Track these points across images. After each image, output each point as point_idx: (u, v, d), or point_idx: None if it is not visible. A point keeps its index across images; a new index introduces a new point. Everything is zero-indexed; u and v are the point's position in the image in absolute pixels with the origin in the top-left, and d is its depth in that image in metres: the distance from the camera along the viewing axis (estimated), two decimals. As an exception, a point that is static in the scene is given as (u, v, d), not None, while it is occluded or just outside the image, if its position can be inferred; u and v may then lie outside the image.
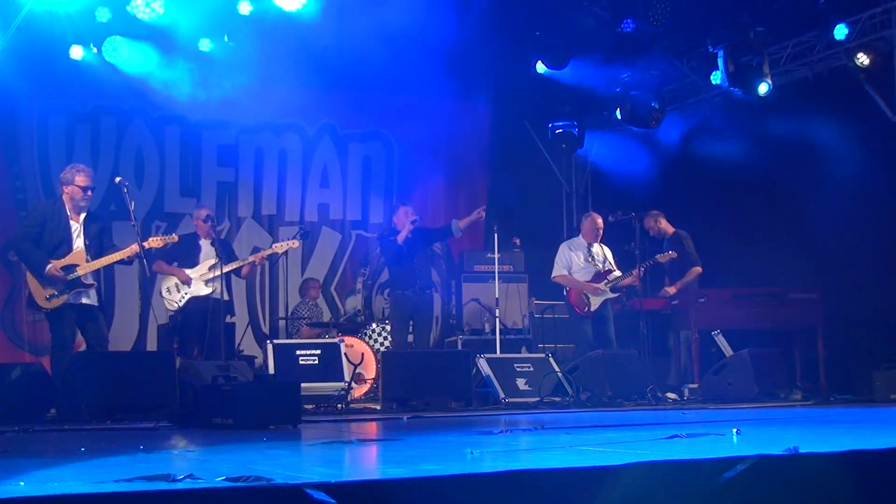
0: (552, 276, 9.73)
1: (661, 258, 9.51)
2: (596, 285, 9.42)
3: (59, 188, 7.65)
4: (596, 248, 9.65)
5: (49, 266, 7.28)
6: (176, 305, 8.61)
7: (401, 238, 9.13)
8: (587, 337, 9.44)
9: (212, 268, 8.60)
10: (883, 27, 9.38)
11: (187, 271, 8.62)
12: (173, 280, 8.64)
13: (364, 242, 11.87)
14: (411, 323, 9.31)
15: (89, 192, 7.55)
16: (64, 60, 9.95)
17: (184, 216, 10.47)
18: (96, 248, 7.52)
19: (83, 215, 7.56)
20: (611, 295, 9.47)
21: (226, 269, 8.55)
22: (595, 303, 9.43)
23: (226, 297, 8.80)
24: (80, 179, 7.52)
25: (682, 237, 9.87)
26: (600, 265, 9.54)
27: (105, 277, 7.77)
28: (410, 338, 9.42)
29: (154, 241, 7.74)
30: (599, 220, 9.65)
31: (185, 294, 8.59)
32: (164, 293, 8.67)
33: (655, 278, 10.33)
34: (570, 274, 9.54)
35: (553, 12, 10.31)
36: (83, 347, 7.85)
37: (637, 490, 2.89)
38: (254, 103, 10.74)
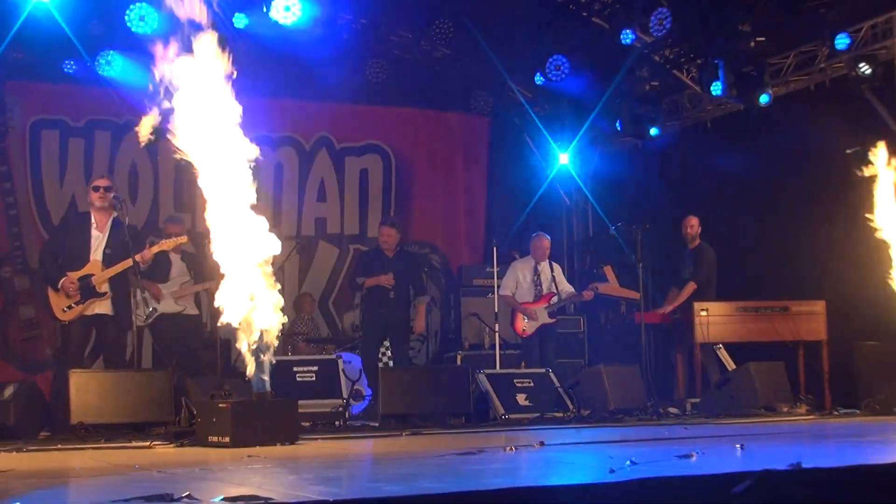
0: (499, 293, 9.91)
1: (601, 287, 9.82)
2: (533, 307, 9.64)
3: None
4: (543, 266, 9.85)
5: (64, 279, 7.40)
6: (142, 321, 8.64)
7: (369, 283, 9.36)
8: (535, 356, 9.65)
9: (184, 285, 8.75)
10: (885, 36, 9.45)
11: (160, 286, 8.75)
12: (139, 293, 8.71)
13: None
14: (386, 341, 9.55)
15: (101, 191, 7.65)
16: (57, 74, 10.00)
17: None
18: (120, 257, 7.59)
19: (110, 222, 7.64)
20: (547, 320, 9.71)
21: (198, 288, 8.79)
22: (531, 327, 9.66)
23: (195, 311, 9.03)
24: (92, 182, 7.81)
25: (704, 251, 9.82)
26: (544, 285, 9.74)
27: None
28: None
29: (165, 245, 7.83)
30: (546, 242, 9.89)
31: (154, 310, 8.71)
32: (132, 306, 8.73)
33: (659, 292, 10.34)
34: (515, 294, 9.75)
35: (552, 24, 10.36)
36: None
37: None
38: (249, 117, 10.72)
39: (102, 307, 7.57)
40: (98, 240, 7.59)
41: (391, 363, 9.60)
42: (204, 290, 8.82)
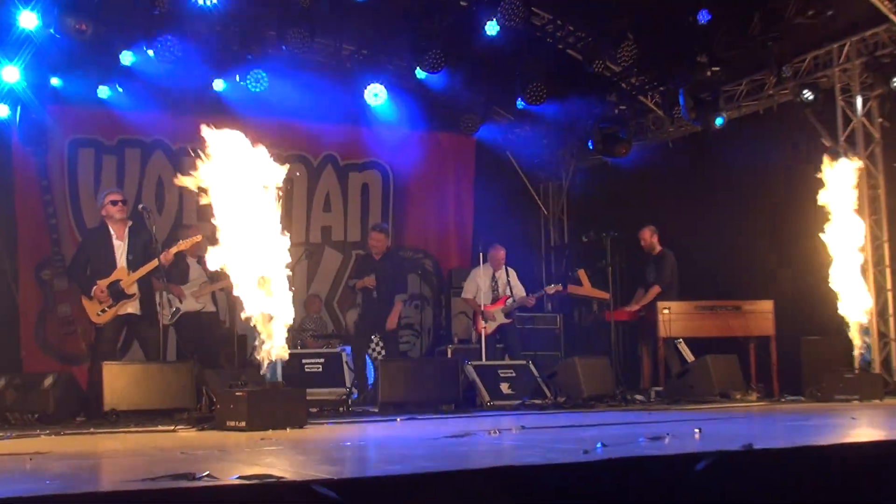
0: (462, 296, 10.11)
1: (549, 290, 9.96)
2: (491, 309, 9.75)
3: (101, 216, 7.81)
4: (500, 273, 9.96)
5: (94, 288, 7.46)
6: (167, 319, 8.64)
7: (358, 285, 9.34)
8: (494, 353, 9.68)
9: (202, 285, 8.85)
10: (826, 66, 9.51)
11: (182, 287, 8.77)
12: (165, 295, 8.69)
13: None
14: (377, 336, 9.53)
15: (120, 205, 7.71)
16: (92, 99, 9.98)
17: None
18: (142, 260, 7.59)
19: (127, 231, 7.65)
20: (504, 320, 9.78)
21: (215, 287, 8.79)
22: (490, 327, 9.73)
23: (213, 308, 9.06)
24: (110, 196, 7.80)
25: (665, 257, 9.83)
26: (500, 290, 9.86)
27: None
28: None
29: (183, 245, 7.83)
30: (501, 253, 10.00)
31: (177, 309, 8.71)
32: (156, 307, 8.71)
33: (628, 290, 10.34)
34: (475, 296, 9.86)
35: (532, 54, 10.40)
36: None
37: (610, 483, 2.92)
38: (263, 136, 10.72)
39: (132, 307, 7.58)
40: (120, 248, 7.63)
41: (383, 355, 9.59)
42: (220, 289, 8.82)
